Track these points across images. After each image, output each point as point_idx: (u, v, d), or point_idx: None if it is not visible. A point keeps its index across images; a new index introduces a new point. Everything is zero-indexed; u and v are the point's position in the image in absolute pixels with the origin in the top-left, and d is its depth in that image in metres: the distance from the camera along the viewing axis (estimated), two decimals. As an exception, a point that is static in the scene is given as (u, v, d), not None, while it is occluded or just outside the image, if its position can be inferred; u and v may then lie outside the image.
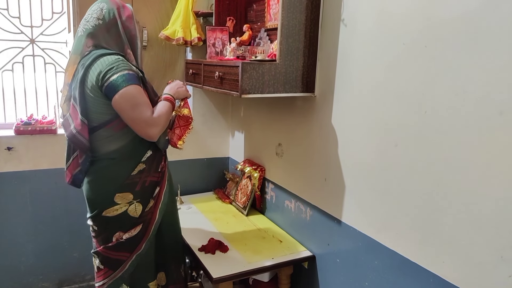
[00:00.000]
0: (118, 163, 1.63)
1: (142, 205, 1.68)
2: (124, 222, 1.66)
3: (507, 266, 1.07)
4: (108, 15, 1.61)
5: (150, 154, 1.67)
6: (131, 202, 1.65)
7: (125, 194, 1.63)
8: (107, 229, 1.67)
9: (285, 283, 2.02)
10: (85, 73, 1.52)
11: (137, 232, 1.69)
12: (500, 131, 1.07)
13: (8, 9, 2.35)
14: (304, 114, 1.92)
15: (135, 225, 1.68)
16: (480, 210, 1.14)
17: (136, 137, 1.60)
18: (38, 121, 2.35)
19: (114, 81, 1.47)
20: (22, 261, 2.40)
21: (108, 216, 1.64)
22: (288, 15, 1.66)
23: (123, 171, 1.63)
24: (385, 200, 1.47)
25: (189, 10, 2.39)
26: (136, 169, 1.64)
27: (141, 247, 1.71)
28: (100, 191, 1.65)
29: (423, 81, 1.29)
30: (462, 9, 1.15)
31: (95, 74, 1.50)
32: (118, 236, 1.67)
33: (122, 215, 1.65)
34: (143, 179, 1.66)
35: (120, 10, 1.65)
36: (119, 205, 1.63)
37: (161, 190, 1.73)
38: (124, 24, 1.64)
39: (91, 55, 1.55)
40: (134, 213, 1.66)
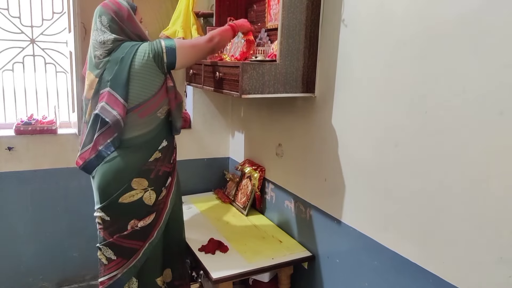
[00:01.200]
0: (137, 149, 1.68)
1: (156, 193, 1.72)
2: (139, 210, 1.69)
3: (507, 267, 1.07)
4: (110, 25, 1.64)
5: (165, 144, 1.75)
6: (146, 189, 1.69)
7: (141, 179, 1.68)
8: (121, 218, 1.69)
9: (285, 283, 2.01)
10: (130, 56, 1.59)
11: (151, 221, 1.72)
12: (500, 131, 1.07)
13: (8, 9, 2.36)
14: (304, 114, 1.92)
15: (150, 213, 1.72)
16: (480, 210, 1.14)
17: (156, 127, 1.71)
18: (38, 121, 2.35)
19: (167, 47, 1.63)
20: (22, 261, 2.40)
21: (124, 203, 1.66)
22: (288, 15, 1.66)
23: (142, 157, 1.69)
24: (385, 200, 1.47)
25: (190, 10, 2.39)
26: (153, 156, 1.70)
27: (153, 235, 1.75)
28: (118, 174, 1.66)
29: (423, 81, 1.29)
30: (462, 9, 1.16)
31: (145, 53, 1.60)
32: (133, 224, 1.70)
33: (138, 202, 1.68)
34: (158, 167, 1.72)
35: (117, 15, 1.65)
36: (135, 191, 1.67)
37: (172, 180, 1.81)
38: (128, 25, 1.68)
39: (122, 46, 1.63)
40: (149, 200, 1.70)
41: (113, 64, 1.62)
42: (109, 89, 1.62)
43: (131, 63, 1.60)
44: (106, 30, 1.64)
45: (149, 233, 1.74)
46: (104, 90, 1.65)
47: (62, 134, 2.37)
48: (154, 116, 1.69)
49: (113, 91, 1.61)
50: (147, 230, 1.73)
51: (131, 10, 1.70)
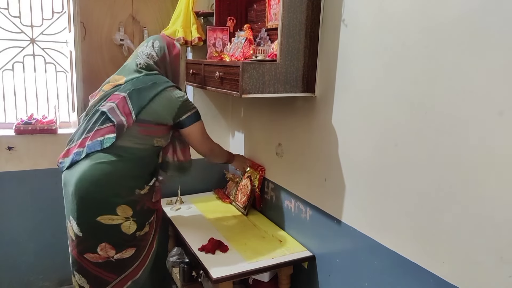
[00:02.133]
0: (132, 171, 1.69)
1: (137, 226, 1.70)
2: (113, 235, 1.66)
3: (507, 267, 1.07)
4: (159, 51, 1.83)
5: (153, 181, 1.78)
6: (128, 218, 1.67)
7: (127, 208, 1.66)
8: (94, 236, 1.65)
9: (285, 283, 2.01)
10: (161, 89, 1.72)
11: (129, 256, 1.69)
12: (500, 131, 1.07)
13: (8, 9, 2.35)
14: (304, 114, 1.92)
15: (127, 245, 1.69)
16: (480, 210, 1.14)
17: (147, 151, 1.76)
18: (38, 121, 2.35)
19: (191, 116, 1.80)
20: (23, 260, 2.40)
21: (101, 222, 1.63)
22: (288, 15, 1.66)
23: (135, 185, 1.69)
24: (385, 200, 1.47)
25: (190, 10, 2.39)
26: (143, 190, 1.72)
27: (137, 274, 1.73)
28: (107, 196, 1.63)
29: (423, 81, 1.29)
30: (462, 9, 1.15)
31: (174, 106, 1.73)
32: (103, 247, 1.65)
33: (114, 228, 1.65)
34: (144, 201, 1.73)
35: (170, 48, 1.86)
36: (117, 216, 1.64)
37: (155, 219, 1.82)
38: (171, 61, 1.87)
39: (157, 77, 1.77)
40: (127, 229, 1.68)
41: (143, 81, 1.73)
42: (126, 95, 1.68)
43: (158, 95, 1.71)
44: (153, 51, 1.82)
45: (125, 269, 1.70)
46: (121, 93, 1.70)
47: (62, 134, 2.37)
48: (151, 140, 1.74)
49: (129, 100, 1.67)
50: (123, 264, 1.69)
51: (180, 52, 1.93)
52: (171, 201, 2.55)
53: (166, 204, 2.51)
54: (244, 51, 1.96)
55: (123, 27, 2.53)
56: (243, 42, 1.99)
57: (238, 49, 2.02)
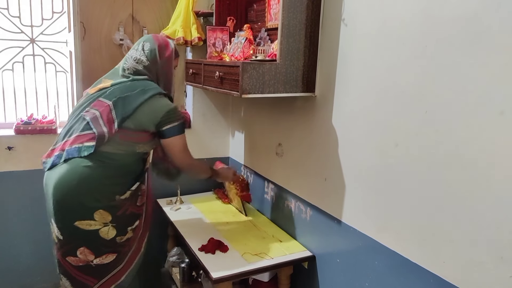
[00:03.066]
0: (111, 178, 1.64)
1: (116, 231, 1.66)
2: (92, 239, 1.63)
3: (507, 267, 1.07)
4: (149, 54, 1.77)
5: (137, 185, 1.73)
6: (106, 223, 1.63)
7: (105, 213, 1.62)
8: (73, 241, 1.63)
9: (285, 283, 2.01)
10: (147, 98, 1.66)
11: (110, 261, 1.67)
12: (500, 131, 1.07)
13: (8, 9, 2.35)
14: (304, 114, 1.92)
15: (107, 251, 1.66)
16: (480, 210, 1.14)
17: (129, 158, 1.70)
18: (38, 121, 2.35)
19: (175, 127, 1.72)
20: (21, 261, 2.40)
21: (79, 227, 1.60)
22: (288, 15, 1.66)
23: (114, 190, 1.65)
24: (385, 200, 1.47)
25: (190, 10, 2.39)
26: (124, 195, 1.67)
27: (120, 278, 1.71)
28: (85, 201, 1.59)
29: (423, 81, 1.29)
30: (462, 9, 1.15)
31: (159, 115, 1.67)
32: (82, 251, 1.63)
33: (93, 233, 1.62)
34: (126, 207, 1.69)
35: (161, 49, 1.78)
36: (94, 222, 1.61)
37: (140, 224, 1.77)
38: (163, 65, 1.79)
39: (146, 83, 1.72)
40: (105, 235, 1.64)
41: (130, 88, 1.68)
42: (111, 104, 1.63)
43: (144, 103, 1.66)
44: (143, 54, 1.76)
45: (105, 274, 1.67)
46: (106, 100, 1.65)
47: (62, 134, 2.37)
48: (133, 147, 1.70)
49: (114, 109, 1.63)
50: (103, 269, 1.67)
51: (174, 54, 1.84)
52: (171, 201, 2.54)
53: (166, 204, 2.51)
54: (244, 51, 1.96)
55: (123, 27, 2.52)
56: (243, 42, 1.99)
57: (238, 49, 2.02)
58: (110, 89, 1.70)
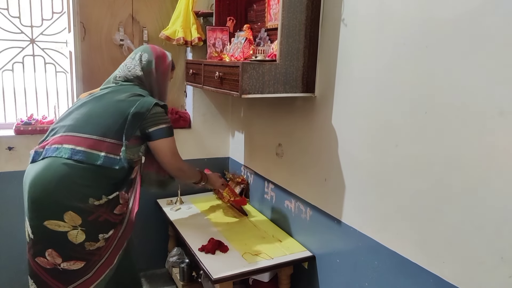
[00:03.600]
0: (87, 181, 1.56)
1: (86, 236, 1.57)
2: (60, 242, 1.55)
3: (507, 267, 1.07)
4: (145, 66, 1.78)
5: (115, 195, 1.64)
6: (75, 227, 1.55)
7: (76, 216, 1.54)
8: (41, 241, 1.57)
9: (285, 283, 2.01)
10: (133, 101, 1.65)
11: (78, 268, 1.58)
12: (500, 131, 1.07)
13: (8, 9, 2.35)
14: (304, 114, 1.92)
15: (75, 258, 1.57)
16: (480, 210, 1.14)
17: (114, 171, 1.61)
18: (38, 121, 2.35)
19: (163, 129, 1.71)
20: (22, 260, 2.39)
21: (47, 227, 1.54)
22: (288, 15, 1.66)
23: (86, 193, 1.56)
24: (385, 200, 1.47)
25: (189, 10, 2.39)
26: (100, 201, 1.58)
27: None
28: (56, 199, 1.53)
29: (423, 81, 1.29)
30: (462, 9, 1.15)
31: (145, 110, 1.64)
32: (50, 253, 1.56)
33: (61, 234, 1.54)
34: (100, 213, 1.60)
35: (158, 61, 1.80)
36: (63, 223, 1.53)
37: (115, 234, 1.68)
38: (158, 76, 1.80)
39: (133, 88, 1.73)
40: (74, 238, 1.55)
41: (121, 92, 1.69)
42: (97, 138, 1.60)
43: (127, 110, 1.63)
44: (138, 65, 1.77)
45: (73, 281, 1.60)
46: None
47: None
48: None
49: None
50: (70, 276, 1.59)
51: (170, 67, 1.86)
52: (171, 201, 2.55)
53: (166, 204, 2.52)
54: (243, 51, 1.96)
55: (123, 27, 2.52)
56: (242, 42, 1.99)
57: (237, 49, 2.02)
58: (99, 93, 1.71)
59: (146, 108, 1.65)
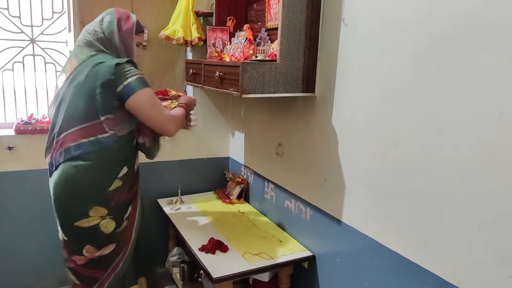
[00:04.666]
0: (97, 172, 1.60)
1: (115, 223, 1.66)
2: (95, 236, 1.64)
3: (507, 267, 1.07)
4: (107, 27, 1.67)
5: (126, 171, 1.67)
6: (104, 217, 1.63)
7: (100, 208, 1.62)
8: (76, 241, 1.65)
9: (285, 283, 2.02)
10: (95, 73, 1.56)
11: (110, 251, 1.67)
12: (500, 131, 1.07)
13: (8, 9, 2.35)
14: (304, 114, 1.92)
15: (107, 243, 1.66)
16: (480, 210, 1.14)
17: (115, 150, 1.62)
18: (38, 121, 2.35)
19: (131, 83, 1.56)
20: (23, 260, 2.40)
21: (80, 227, 1.61)
22: (288, 15, 1.66)
23: (102, 184, 1.62)
24: (385, 200, 1.47)
25: (190, 9, 2.39)
26: (113, 185, 1.64)
27: (118, 267, 1.71)
28: (77, 201, 1.61)
29: (423, 81, 1.29)
30: (462, 9, 1.15)
31: (107, 74, 1.54)
32: (88, 249, 1.64)
33: (93, 229, 1.62)
34: (118, 196, 1.66)
35: (120, 22, 1.68)
36: (91, 218, 1.61)
37: (134, 209, 1.75)
38: (122, 37, 1.68)
39: (94, 59, 1.61)
40: (105, 228, 1.64)
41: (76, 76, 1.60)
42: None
43: (93, 83, 1.56)
44: (99, 28, 1.66)
45: (110, 264, 1.69)
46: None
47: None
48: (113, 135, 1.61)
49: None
50: (106, 260, 1.68)
51: (135, 28, 1.72)
52: (171, 201, 2.55)
53: (166, 204, 2.52)
54: (244, 51, 1.96)
55: (123, 27, 2.52)
56: (243, 42, 1.99)
57: (238, 49, 2.02)
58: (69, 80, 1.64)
59: (109, 72, 1.54)
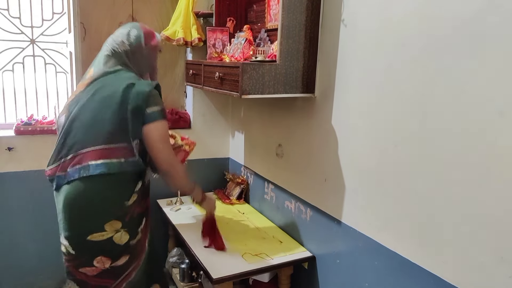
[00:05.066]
0: (115, 187, 1.58)
1: (129, 235, 1.63)
2: (108, 248, 1.61)
3: (507, 267, 1.07)
4: (135, 40, 1.67)
5: (140, 185, 1.66)
6: (118, 230, 1.60)
7: (116, 222, 1.59)
8: (87, 253, 1.61)
9: (285, 283, 2.02)
10: (126, 96, 1.55)
11: (123, 263, 1.65)
12: (500, 131, 1.07)
13: (8, 10, 2.36)
14: (304, 115, 1.92)
15: (121, 254, 1.64)
16: (480, 210, 1.14)
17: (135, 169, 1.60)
18: (38, 122, 2.35)
19: (154, 112, 1.57)
20: (23, 261, 2.40)
21: (93, 240, 1.58)
22: (288, 15, 1.66)
23: (121, 200, 1.60)
24: (385, 201, 1.47)
25: (190, 10, 2.39)
26: (131, 199, 1.62)
27: (131, 275, 1.70)
28: (94, 216, 1.58)
29: (423, 82, 1.29)
30: (462, 9, 1.16)
31: (140, 101, 1.54)
32: (100, 260, 1.61)
33: (107, 242, 1.59)
34: (134, 209, 1.64)
35: (147, 37, 1.69)
36: (106, 232, 1.58)
37: (147, 221, 1.74)
38: (148, 52, 1.70)
39: (121, 75, 1.62)
40: (119, 240, 1.61)
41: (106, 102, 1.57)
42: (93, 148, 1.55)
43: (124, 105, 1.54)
44: (127, 40, 1.66)
45: (122, 274, 1.67)
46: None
47: (62, 135, 2.37)
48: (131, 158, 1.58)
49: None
50: (119, 270, 1.66)
51: (159, 45, 1.75)
52: (171, 202, 2.55)
53: (166, 205, 2.52)
54: (243, 51, 1.96)
55: (123, 27, 2.53)
56: (242, 43, 1.99)
57: (238, 49, 2.02)
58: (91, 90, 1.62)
59: (141, 99, 1.55)
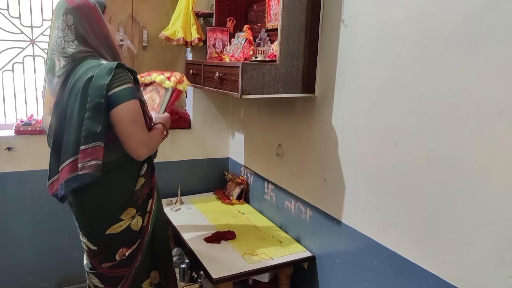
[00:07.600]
0: (122, 178, 1.57)
1: (142, 218, 1.65)
2: (127, 237, 1.62)
3: (507, 267, 1.07)
4: (78, 24, 1.47)
5: (146, 167, 1.64)
6: (133, 216, 1.61)
7: (130, 209, 1.60)
8: (110, 247, 1.61)
9: (285, 283, 2.01)
10: (88, 82, 1.41)
11: (135, 247, 1.66)
12: (500, 131, 1.07)
13: (8, 9, 2.35)
14: (304, 115, 1.92)
15: (136, 239, 1.65)
16: (480, 210, 1.14)
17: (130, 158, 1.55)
18: (38, 121, 2.35)
19: (118, 92, 1.41)
20: (22, 261, 2.40)
21: (112, 233, 1.58)
22: (288, 15, 1.66)
23: (130, 187, 1.60)
24: (385, 201, 1.47)
25: (190, 10, 2.39)
26: (138, 183, 1.61)
27: (138, 259, 1.69)
28: (108, 208, 1.57)
29: (423, 81, 1.29)
30: (462, 9, 1.16)
31: (100, 82, 1.40)
32: (121, 252, 1.62)
33: (125, 230, 1.60)
34: (142, 193, 1.64)
35: (87, 16, 1.49)
36: (123, 221, 1.59)
37: (152, 200, 1.72)
38: (97, 30, 1.51)
39: (84, 63, 1.47)
40: (136, 226, 1.63)
41: (75, 95, 1.43)
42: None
43: (85, 93, 1.41)
44: (70, 33, 1.46)
45: (134, 258, 1.67)
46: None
47: (62, 135, 2.37)
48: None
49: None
50: (133, 256, 1.66)
51: (99, 8, 1.53)
52: (171, 202, 2.55)
53: (166, 205, 2.51)
54: (244, 51, 1.96)
55: (123, 27, 2.53)
56: (243, 43, 1.99)
57: (238, 49, 2.02)
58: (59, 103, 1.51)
59: (100, 94, 1.39)
